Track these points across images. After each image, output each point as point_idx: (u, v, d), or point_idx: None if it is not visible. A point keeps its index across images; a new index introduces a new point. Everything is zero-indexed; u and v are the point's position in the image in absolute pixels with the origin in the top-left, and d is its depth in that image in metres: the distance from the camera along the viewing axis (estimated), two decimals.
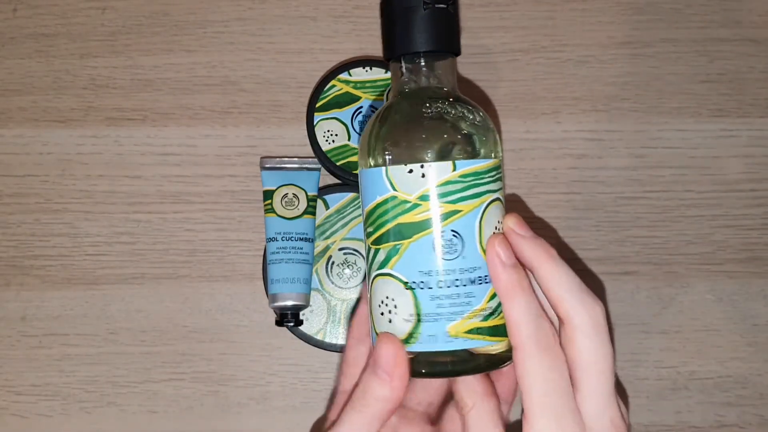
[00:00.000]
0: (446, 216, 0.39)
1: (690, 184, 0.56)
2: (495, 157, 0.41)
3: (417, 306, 0.39)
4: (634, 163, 0.56)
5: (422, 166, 0.39)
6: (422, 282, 0.39)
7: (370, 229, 0.41)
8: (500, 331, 0.40)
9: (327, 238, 0.55)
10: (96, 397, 0.55)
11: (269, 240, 0.54)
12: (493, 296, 0.40)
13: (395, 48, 0.42)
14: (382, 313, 0.40)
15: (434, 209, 0.39)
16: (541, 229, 0.56)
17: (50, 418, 0.55)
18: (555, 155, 0.56)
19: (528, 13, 0.57)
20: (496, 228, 0.40)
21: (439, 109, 0.41)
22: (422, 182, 0.39)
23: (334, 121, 0.54)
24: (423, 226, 0.39)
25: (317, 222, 0.55)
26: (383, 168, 0.40)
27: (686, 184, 0.56)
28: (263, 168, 0.55)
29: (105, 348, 0.55)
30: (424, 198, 0.39)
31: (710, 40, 0.57)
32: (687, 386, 0.56)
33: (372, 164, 0.41)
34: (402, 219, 0.39)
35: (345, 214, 0.55)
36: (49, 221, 0.56)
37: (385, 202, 0.40)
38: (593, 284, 0.56)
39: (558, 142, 0.56)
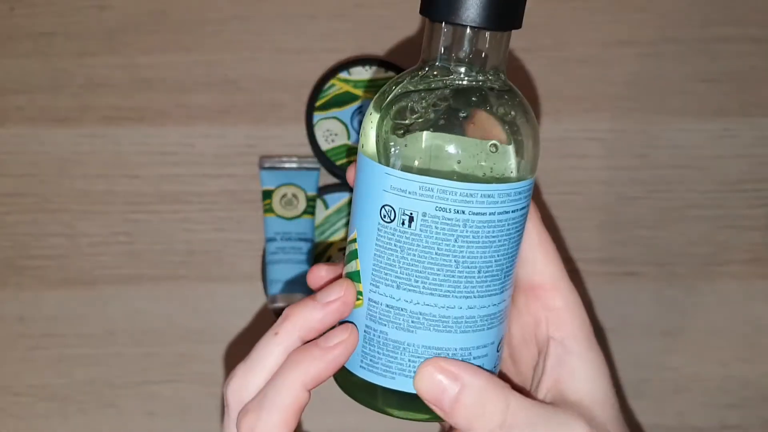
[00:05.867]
0: None
1: (692, 184, 0.56)
2: None
3: None
4: (636, 163, 0.56)
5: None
6: None
7: None
8: None
9: (327, 238, 0.55)
10: (94, 399, 0.55)
11: (268, 240, 0.53)
12: None
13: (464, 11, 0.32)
14: None
15: None
16: None
17: (48, 419, 0.55)
18: (556, 155, 0.56)
19: (529, 12, 0.56)
20: None
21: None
22: None
23: (334, 120, 0.54)
24: None
25: (317, 222, 0.55)
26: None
27: (688, 184, 0.56)
28: (262, 168, 0.54)
29: (103, 349, 0.55)
30: None
31: (712, 40, 0.56)
32: (689, 387, 0.55)
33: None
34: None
35: (345, 214, 0.55)
36: (47, 221, 0.55)
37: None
38: (591, 288, 0.56)
39: (559, 141, 0.56)
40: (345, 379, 0.36)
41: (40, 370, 0.55)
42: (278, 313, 0.54)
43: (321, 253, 0.54)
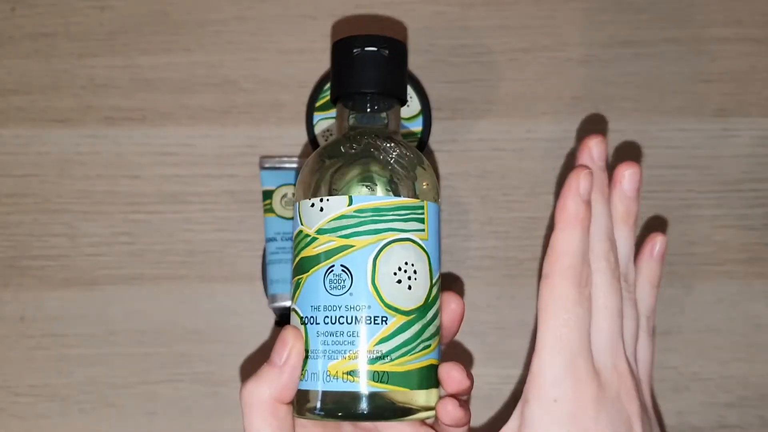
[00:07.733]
0: (337, 250, 0.39)
1: (691, 184, 0.56)
2: (413, 197, 0.40)
3: (306, 341, 0.39)
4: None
5: (321, 200, 0.40)
6: (312, 317, 0.39)
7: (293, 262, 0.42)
8: (393, 378, 0.38)
9: None
10: (95, 399, 0.55)
11: (269, 240, 0.53)
12: (383, 340, 0.39)
13: (336, 89, 0.43)
14: None
15: (327, 243, 0.39)
16: (541, 229, 0.55)
17: (49, 419, 0.55)
18: (556, 155, 0.56)
19: (529, 12, 0.56)
20: (400, 268, 0.39)
21: (358, 146, 0.41)
22: (320, 216, 0.40)
23: (334, 120, 0.54)
24: (317, 259, 0.40)
25: None
26: (297, 202, 0.42)
27: (687, 184, 0.56)
28: (262, 168, 0.54)
29: (104, 349, 0.55)
30: (320, 231, 0.40)
31: (712, 40, 0.56)
32: (688, 387, 0.55)
33: (294, 198, 0.44)
34: (304, 252, 0.40)
35: None
36: (48, 221, 0.55)
37: (297, 235, 0.41)
38: None
39: (559, 141, 0.56)
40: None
41: (41, 370, 0.55)
42: (278, 312, 0.54)
43: None
